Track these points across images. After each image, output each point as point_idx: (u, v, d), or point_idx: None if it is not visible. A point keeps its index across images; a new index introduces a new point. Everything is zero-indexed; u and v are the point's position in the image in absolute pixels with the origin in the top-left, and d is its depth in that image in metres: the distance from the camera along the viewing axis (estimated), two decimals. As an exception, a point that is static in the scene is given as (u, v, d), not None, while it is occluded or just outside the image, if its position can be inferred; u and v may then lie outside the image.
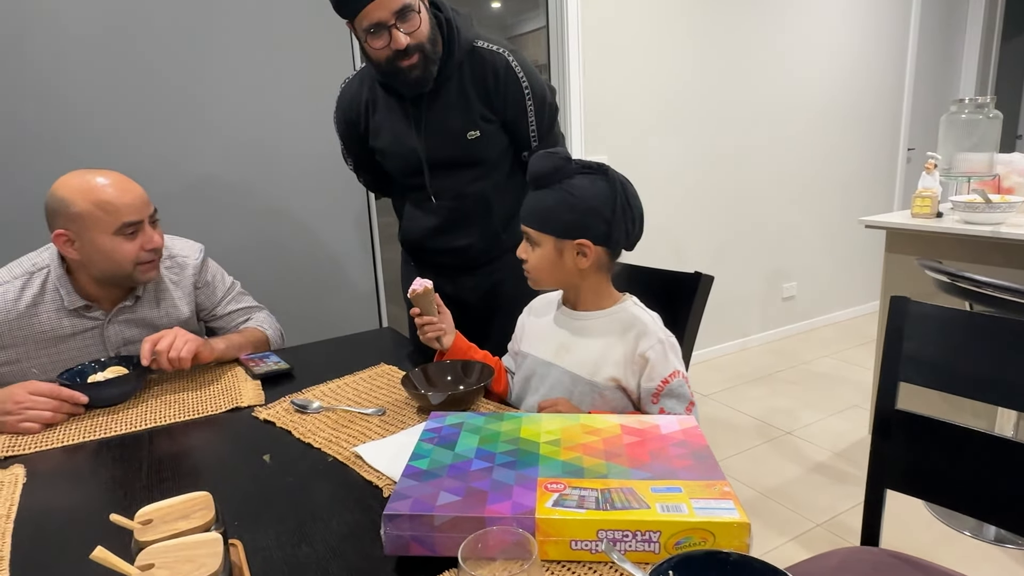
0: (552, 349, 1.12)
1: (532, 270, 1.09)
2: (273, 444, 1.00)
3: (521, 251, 1.10)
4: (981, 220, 1.93)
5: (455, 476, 0.75)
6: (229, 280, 1.48)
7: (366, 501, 0.82)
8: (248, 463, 0.94)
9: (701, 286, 1.34)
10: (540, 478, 0.74)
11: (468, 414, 0.92)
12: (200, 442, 1.03)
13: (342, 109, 1.52)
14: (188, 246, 1.43)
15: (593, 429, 0.87)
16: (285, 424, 1.05)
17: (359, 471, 0.89)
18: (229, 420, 1.10)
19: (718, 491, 0.70)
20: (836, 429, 2.57)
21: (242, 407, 1.14)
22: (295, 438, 1.01)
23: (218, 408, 1.13)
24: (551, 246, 1.05)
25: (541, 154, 1.04)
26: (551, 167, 1.03)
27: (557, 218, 1.04)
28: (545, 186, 1.04)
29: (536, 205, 1.06)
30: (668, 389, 1.05)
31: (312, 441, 0.98)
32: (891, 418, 1.10)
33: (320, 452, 0.96)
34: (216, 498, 0.68)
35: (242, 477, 0.90)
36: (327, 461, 0.93)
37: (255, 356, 1.36)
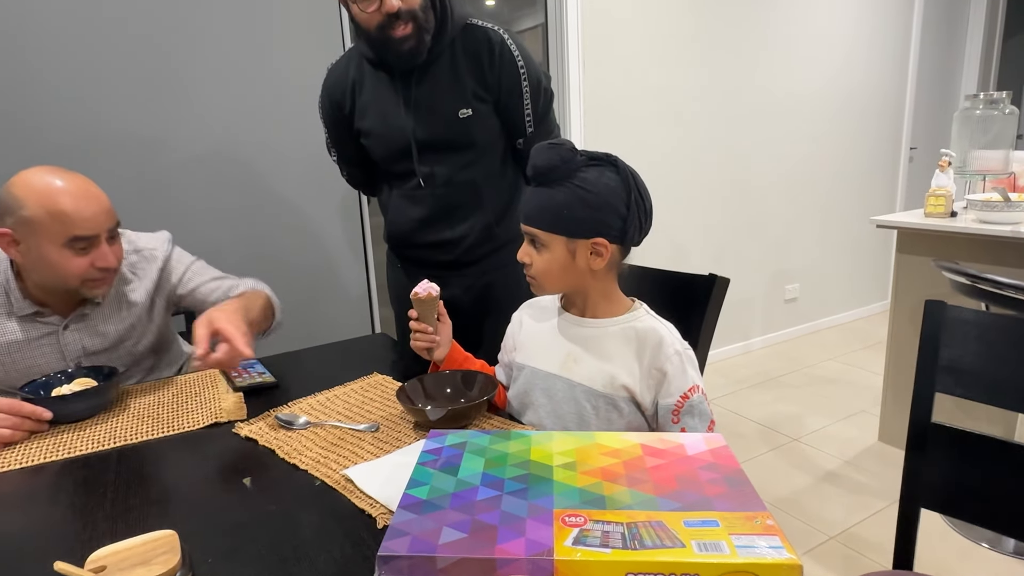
0: (558, 360, 1.03)
1: (539, 275, 1.00)
2: (255, 465, 0.91)
3: (523, 255, 1.00)
4: (999, 219, 1.86)
5: (459, 507, 0.66)
6: (190, 258, 1.39)
7: (357, 533, 0.73)
8: (226, 487, 0.85)
9: (716, 289, 1.26)
10: (556, 509, 0.65)
11: (471, 432, 0.84)
12: (173, 463, 0.94)
13: (327, 89, 1.44)
14: (154, 238, 1.34)
15: (611, 450, 0.78)
16: (269, 442, 0.96)
17: (350, 497, 0.80)
18: (207, 437, 1.01)
19: (761, 525, 0.62)
20: (844, 436, 2.50)
21: (222, 423, 1.05)
22: (279, 458, 0.92)
23: (195, 424, 1.04)
24: (562, 248, 0.97)
25: (544, 146, 0.94)
26: (558, 160, 0.94)
27: (571, 216, 0.95)
28: (552, 181, 0.95)
29: (544, 203, 0.96)
30: (688, 405, 0.97)
31: (298, 462, 0.89)
32: (926, 432, 1.02)
33: (307, 475, 0.87)
34: (187, 530, 0.59)
35: (218, 505, 0.81)
36: (314, 485, 0.84)
37: (240, 365, 1.27)
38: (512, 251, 1.61)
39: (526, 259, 1.00)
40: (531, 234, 0.98)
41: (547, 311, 1.09)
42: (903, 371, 2.31)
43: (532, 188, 0.97)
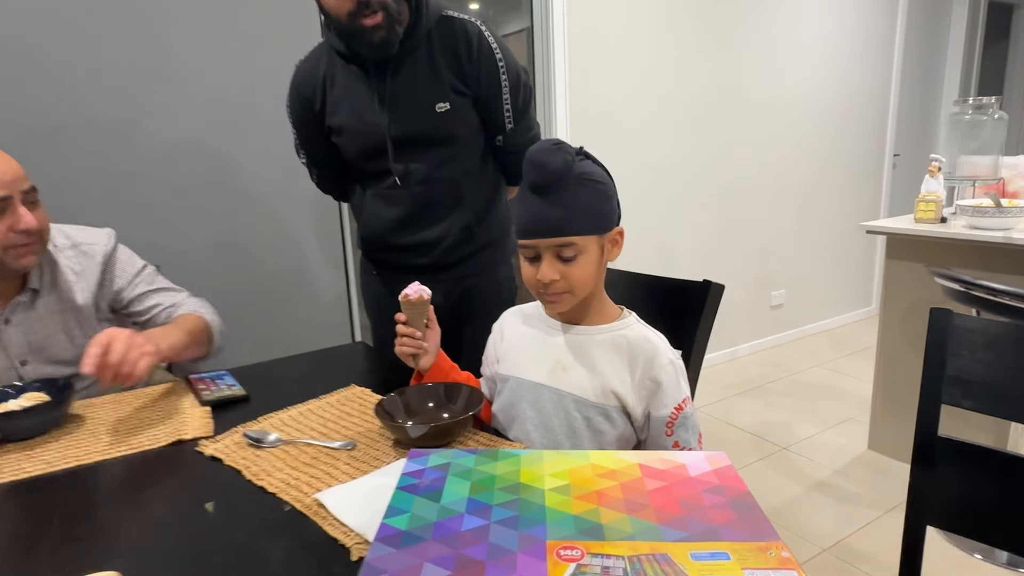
0: (545, 369, 0.97)
1: (577, 285, 0.90)
2: (219, 488, 0.83)
3: (549, 273, 0.89)
4: (991, 225, 1.84)
5: (442, 539, 0.60)
6: (140, 262, 1.31)
7: (329, 567, 0.66)
8: (185, 513, 0.78)
9: (711, 296, 1.21)
10: (550, 541, 0.59)
11: (455, 452, 0.77)
12: (129, 486, 0.86)
13: (296, 86, 1.37)
14: (95, 234, 1.26)
15: (607, 471, 0.72)
16: (235, 462, 0.89)
17: (322, 524, 0.73)
18: (168, 457, 0.93)
19: (776, 557, 0.56)
20: (834, 444, 2.47)
21: (186, 440, 0.97)
22: (246, 480, 0.84)
23: (156, 442, 0.96)
24: (596, 247, 0.91)
25: (547, 150, 0.87)
26: (570, 160, 0.88)
27: (599, 212, 0.90)
28: (569, 183, 0.88)
29: (571, 207, 0.88)
30: (682, 418, 0.93)
31: (266, 484, 0.82)
32: (933, 446, 0.97)
33: (275, 499, 0.79)
34: (137, 564, 0.52)
35: (175, 533, 0.74)
36: (283, 510, 0.77)
37: (206, 377, 1.19)
38: (493, 254, 1.56)
39: (555, 276, 0.89)
40: (563, 244, 0.88)
41: (531, 319, 1.03)
42: (893, 379, 2.29)
43: (543, 198, 0.88)
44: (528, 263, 0.92)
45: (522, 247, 0.91)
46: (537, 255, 0.90)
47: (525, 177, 0.89)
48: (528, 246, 0.90)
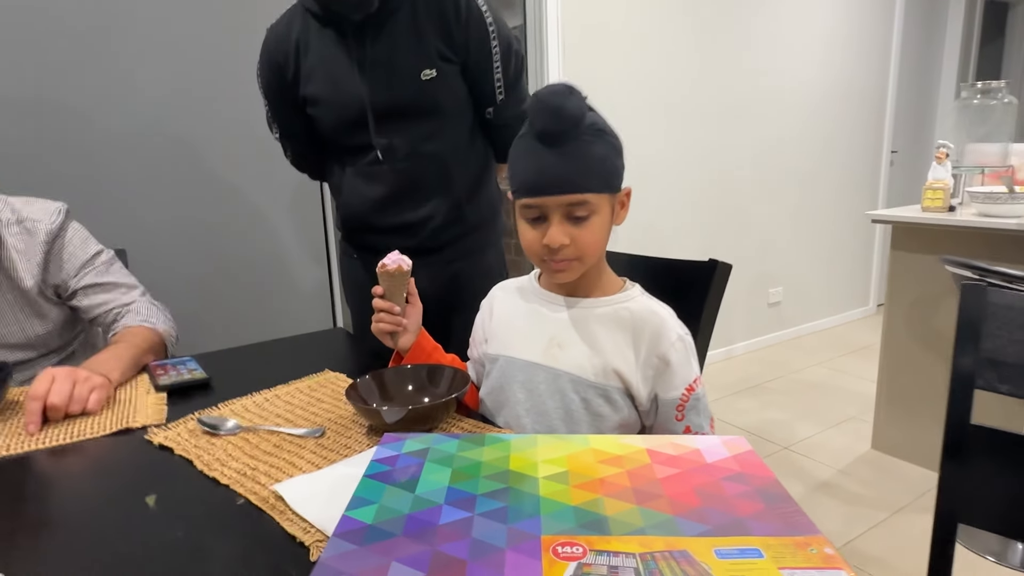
0: (539, 347, 0.87)
1: (588, 250, 0.80)
2: (165, 480, 0.73)
3: (559, 236, 0.78)
4: (1004, 212, 1.76)
5: (416, 534, 0.50)
6: (95, 247, 1.18)
7: (283, 567, 0.56)
8: (124, 509, 0.67)
9: (717, 276, 1.12)
10: (545, 536, 0.49)
11: (435, 437, 0.67)
12: (63, 479, 0.75)
13: (267, 52, 1.26)
14: (43, 208, 1.14)
15: (611, 456, 0.62)
16: (186, 451, 0.78)
17: (279, 519, 0.63)
18: (112, 447, 0.82)
19: (819, 554, 0.47)
20: (836, 444, 2.38)
21: (134, 428, 0.86)
22: (197, 471, 0.74)
23: (101, 429, 0.86)
24: (608, 208, 0.81)
25: (559, 92, 0.76)
26: (584, 106, 0.78)
27: (613, 168, 0.80)
28: (581, 133, 0.78)
29: (586, 160, 0.77)
30: (694, 400, 0.84)
31: (219, 475, 0.72)
32: (966, 436, 0.88)
33: (228, 491, 0.69)
34: (59, 568, 0.42)
35: (107, 532, 0.63)
36: (236, 504, 0.67)
37: (167, 363, 1.09)
38: (483, 236, 1.46)
39: (565, 239, 0.78)
40: (576, 203, 0.78)
41: (523, 292, 0.93)
42: (898, 375, 2.21)
43: (554, 149, 0.77)
44: (530, 226, 0.81)
45: (525, 207, 0.80)
46: (543, 216, 0.79)
47: (532, 125, 0.78)
48: (533, 206, 0.79)
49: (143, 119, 1.70)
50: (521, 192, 0.80)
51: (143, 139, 1.71)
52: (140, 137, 1.70)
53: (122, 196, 1.69)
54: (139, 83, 1.68)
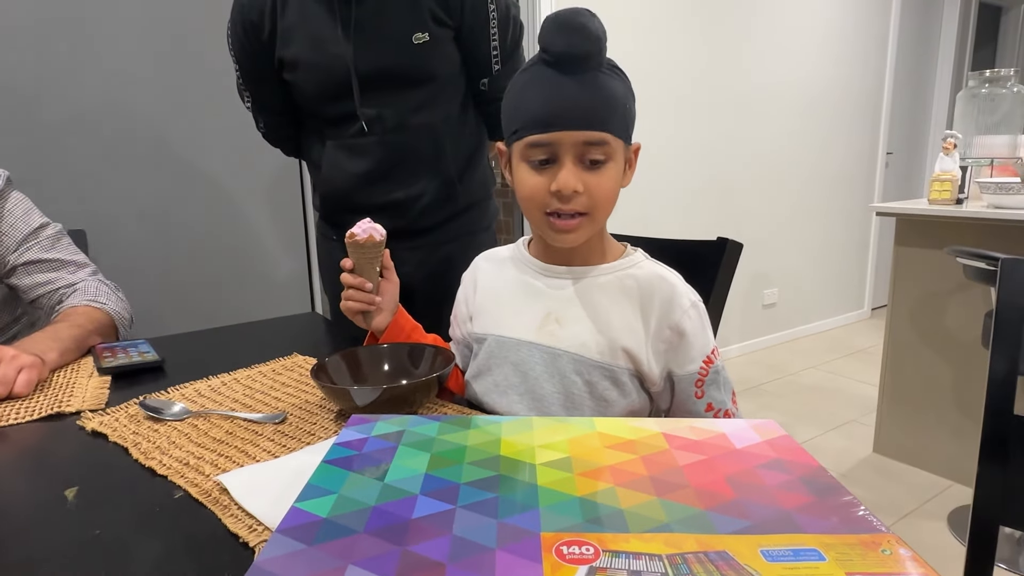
0: (534, 323, 0.75)
1: (601, 204, 0.69)
2: (94, 471, 0.62)
3: (572, 181, 0.66)
4: (1016, 204, 1.69)
5: (381, 532, 0.39)
6: (38, 220, 1.06)
7: (219, 573, 0.46)
8: (37, 504, 0.56)
9: (728, 254, 1.04)
10: (545, 533, 0.39)
11: (412, 418, 0.57)
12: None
13: (240, 8, 1.14)
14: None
15: (622, 441, 0.52)
16: (123, 438, 0.67)
17: (221, 515, 0.52)
18: (38, 433, 0.71)
19: (892, 556, 0.37)
20: (836, 447, 2.30)
21: (66, 413, 0.75)
22: (133, 460, 0.63)
23: (28, 414, 0.74)
24: (621, 161, 0.71)
25: (581, 13, 0.64)
26: (603, 30, 0.66)
27: (631, 112, 0.70)
28: (601, 64, 0.66)
29: (607, 94, 0.66)
30: (713, 373, 0.74)
31: (157, 464, 0.61)
32: (1008, 429, 0.79)
33: (166, 482, 0.58)
34: None
35: (12, 529, 0.52)
36: (172, 498, 0.56)
37: (116, 344, 0.97)
38: (475, 218, 1.36)
39: (579, 185, 0.66)
40: (595, 142, 0.66)
41: (511, 262, 0.82)
42: (902, 375, 2.13)
43: (573, 77, 0.65)
44: (534, 172, 0.68)
45: (532, 147, 0.67)
46: (553, 157, 0.67)
47: (547, 49, 0.66)
48: (543, 144, 0.66)
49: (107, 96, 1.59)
50: (529, 128, 0.67)
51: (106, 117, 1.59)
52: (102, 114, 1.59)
53: (83, 176, 1.58)
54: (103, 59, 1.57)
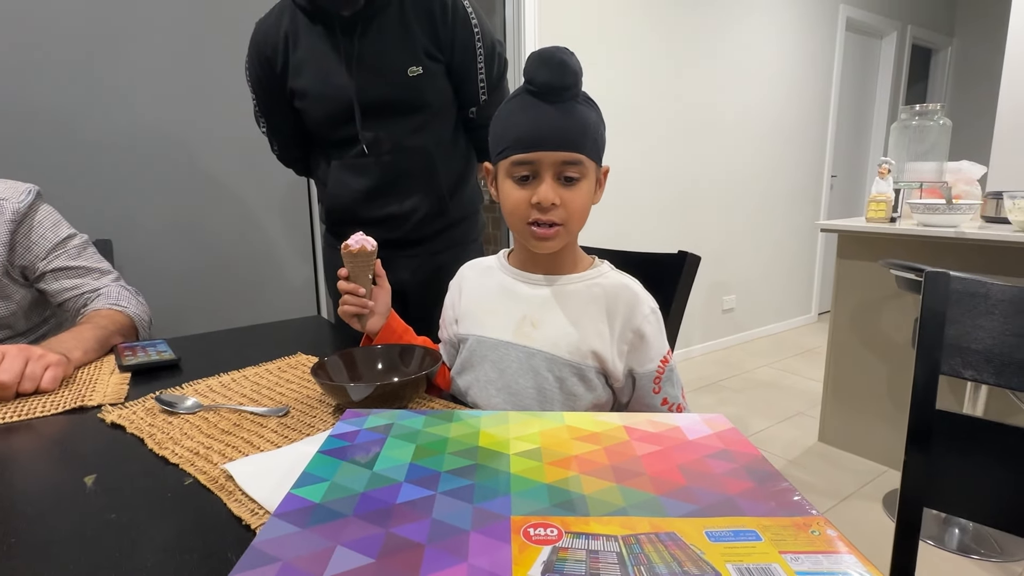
0: (511, 325, 0.76)
1: (575, 216, 0.71)
2: (112, 459, 0.61)
3: (550, 195, 0.68)
4: (941, 222, 1.72)
5: (368, 515, 0.39)
6: (66, 231, 1.05)
7: (223, 552, 0.45)
8: (57, 490, 0.55)
9: (687, 267, 1.04)
10: (515, 516, 0.39)
11: (401, 412, 0.57)
12: (3, 457, 0.63)
13: (256, 45, 1.15)
14: (11, 187, 1.01)
15: (588, 434, 0.52)
16: (139, 429, 0.66)
17: (226, 500, 0.52)
18: (61, 425, 0.70)
19: (821, 536, 0.37)
20: (786, 436, 2.31)
21: (89, 407, 0.74)
22: (148, 450, 0.62)
23: (53, 408, 0.73)
24: (592, 180, 0.72)
25: (561, 50, 0.67)
26: (577, 64, 0.68)
27: (602, 137, 0.72)
28: (576, 96, 0.69)
29: (581, 121, 0.68)
30: (668, 372, 0.75)
31: (170, 453, 0.60)
32: (930, 421, 0.80)
33: (177, 470, 0.58)
34: None
35: (34, 514, 0.51)
36: (183, 484, 0.55)
37: (136, 344, 0.96)
38: (465, 230, 1.36)
39: (556, 199, 0.68)
40: (571, 161, 0.68)
41: (493, 270, 0.82)
42: (843, 373, 2.15)
43: (553, 105, 0.67)
44: (517, 186, 0.70)
45: (516, 164, 0.69)
46: (534, 174, 0.69)
47: (531, 81, 0.68)
48: (526, 162, 0.68)
49: (132, 116, 1.57)
50: (514, 148, 0.69)
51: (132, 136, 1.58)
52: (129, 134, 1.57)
53: (110, 190, 1.56)
54: (129, 81, 1.56)
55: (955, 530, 1.70)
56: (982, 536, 1.67)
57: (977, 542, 1.66)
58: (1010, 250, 1.66)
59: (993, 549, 1.63)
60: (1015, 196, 1.61)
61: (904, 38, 4.24)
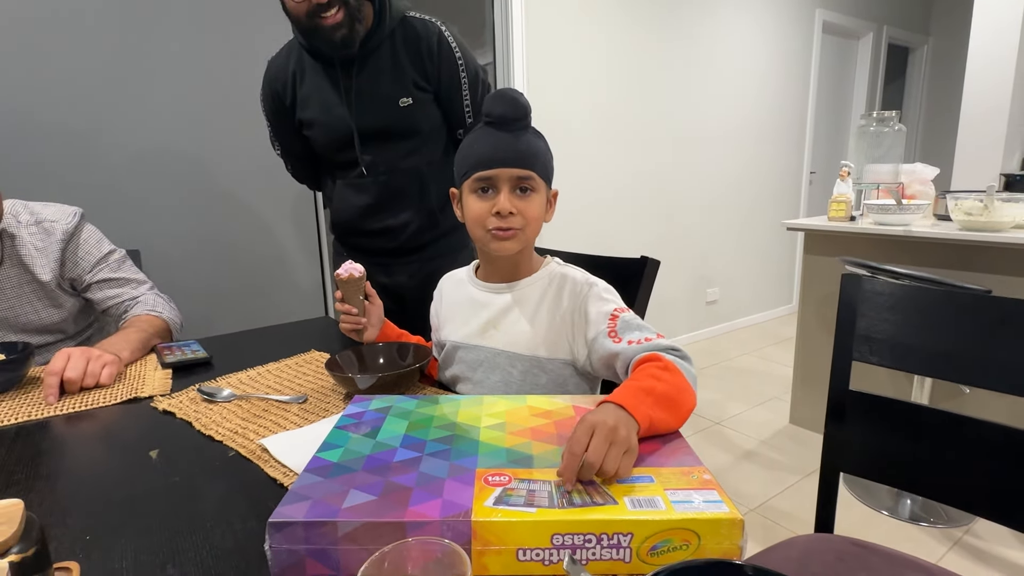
0: (477, 329, 0.88)
1: (531, 222, 0.81)
2: (167, 438, 0.75)
3: (507, 205, 0.78)
4: (893, 221, 1.85)
5: (373, 469, 0.53)
6: (107, 247, 1.19)
7: (265, 503, 0.59)
8: (130, 461, 0.69)
9: (647, 270, 1.16)
10: (479, 469, 0.53)
11: (398, 397, 0.71)
12: (77, 438, 0.77)
13: (268, 81, 1.29)
14: (60, 211, 1.14)
15: (542, 411, 0.66)
16: (187, 415, 0.80)
17: (263, 467, 0.65)
18: (122, 412, 0.84)
19: (698, 479, 0.51)
20: (759, 419, 2.45)
21: (141, 398, 0.88)
22: (196, 431, 0.76)
23: (112, 399, 0.87)
24: (544, 196, 0.84)
25: (512, 90, 0.81)
26: (526, 101, 0.81)
27: (550, 163, 0.84)
28: (529, 127, 0.82)
29: (531, 146, 0.81)
30: (622, 321, 0.78)
31: (214, 433, 0.74)
32: (844, 400, 0.94)
33: (221, 446, 0.71)
34: (71, 505, 0.45)
35: (115, 478, 0.65)
36: (227, 456, 0.69)
37: (173, 344, 1.10)
38: (455, 239, 1.49)
39: (512, 208, 0.79)
40: (525, 176, 0.80)
41: (463, 282, 0.94)
42: (810, 361, 2.29)
43: (509, 133, 0.79)
44: (479, 199, 0.81)
45: (478, 180, 0.80)
46: (494, 188, 0.80)
47: (489, 115, 0.81)
48: (486, 177, 0.80)
49: (159, 137, 1.70)
50: (476, 167, 0.80)
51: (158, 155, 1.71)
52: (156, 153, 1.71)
53: (138, 204, 1.69)
54: (155, 106, 1.69)
55: (907, 501, 1.84)
56: (930, 506, 1.81)
57: (926, 511, 1.79)
58: (953, 246, 1.79)
59: (940, 517, 1.77)
60: (957, 197, 1.73)
61: (880, 38, 4.34)
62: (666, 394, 0.61)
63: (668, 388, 0.63)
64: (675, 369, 0.68)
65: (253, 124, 1.62)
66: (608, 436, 0.52)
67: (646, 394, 0.60)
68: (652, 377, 0.65)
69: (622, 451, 0.52)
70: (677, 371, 0.68)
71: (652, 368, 0.67)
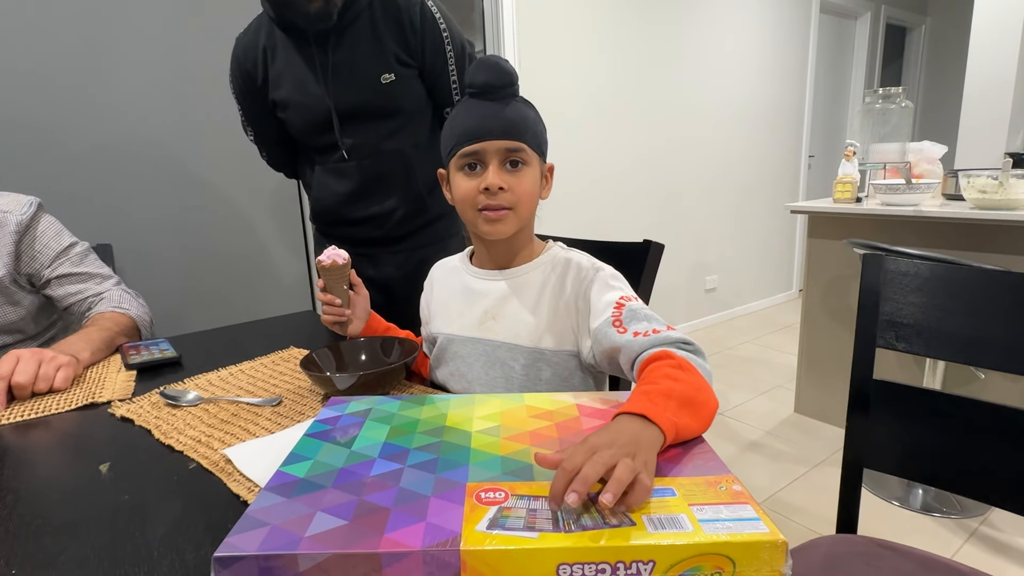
0: (474, 321, 0.80)
1: (523, 199, 0.73)
2: (122, 449, 0.67)
3: (496, 180, 0.71)
4: (902, 201, 1.78)
5: (344, 486, 0.45)
6: (68, 240, 1.10)
7: (225, 526, 0.51)
8: (77, 477, 0.61)
9: (651, 254, 1.09)
10: (470, 483, 0.45)
11: (379, 398, 0.63)
12: (23, 451, 0.68)
13: (237, 59, 1.18)
14: (14, 200, 1.05)
15: (542, 411, 0.58)
16: (146, 422, 0.72)
17: (226, 481, 0.58)
18: (76, 420, 0.76)
19: (727, 491, 0.43)
20: (763, 409, 2.39)
21: (99, 403, 0.80)
22: (155, 440, 0.68)
23: (67, 405, 0.79)
24: (537, 170, 0.76)
25: (496, 56, 0.74)
26: (511, 67, 0.74)
27: (542, 134, 0.76)
28: (514, 95, 0.74)
29: (520, 116, 0.73)
30: (628, 311, 0.71)
31: (175, 442, 0.66)
32: (868, 390, 0.87)
33: (182, 457, 0.63)
34: (3, 530, 0.36)
35: (58, 498, 0.57)
36: (187, 469, 0.61)
37: (140, 343, 1.01)
38: (445, 226, 1.41)
39: (502, 184, 0.71)
40: (514, 148, 0.72)
41: (456, 270, 0.86)
42: (815, 348, 2.22)
43: (495, 102, 0.72)
44: (466, 176, 0.74)
45: (464, 156, 0.73)
46: (482, 163, 0.73)
47: (472, 85, 0.73)
48: (473, 152, 0.72)
49: (126, 125, 1.61)
50: (462, 141, 0.72)
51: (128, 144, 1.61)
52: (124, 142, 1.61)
53: (108, 196, 1.60)
54: (123, 91, 1.59)
55: (919, 491, 1.78)
56: (943, 496, 1.75)
57: (939, 501, 1.74)
58: (966, 226, 1.72)
59: (954, 507, 1.71)
60: (970, 175, 1.66)
61: (878, 18, 4.26)
62: (687, 396, 0.53)
63: (687, 389, 0.55)
64: (691, 367, 0.60)
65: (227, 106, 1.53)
66: (610, 459, 0.42)
67: (666, 398, 0.52)
68: (668, 378, 0.56)
69: (628, 475, 0.41)
70: (693, 369, 0.60)
71: (666, 368, 0.59)
